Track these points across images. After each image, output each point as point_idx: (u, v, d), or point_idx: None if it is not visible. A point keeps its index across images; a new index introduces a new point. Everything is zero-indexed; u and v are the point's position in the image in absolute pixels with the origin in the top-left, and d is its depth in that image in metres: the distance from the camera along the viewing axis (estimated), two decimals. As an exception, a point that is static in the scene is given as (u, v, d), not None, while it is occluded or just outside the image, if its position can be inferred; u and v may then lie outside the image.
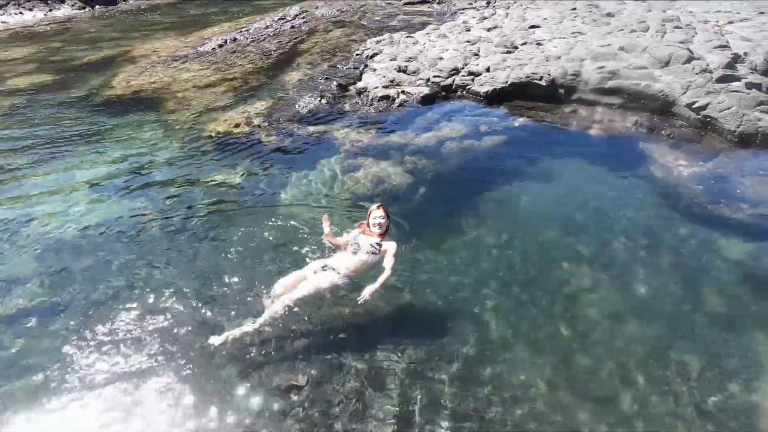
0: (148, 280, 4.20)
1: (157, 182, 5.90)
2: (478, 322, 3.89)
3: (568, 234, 5.00)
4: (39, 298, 4.01)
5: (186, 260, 4.48)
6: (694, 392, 3.36)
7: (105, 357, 3.48)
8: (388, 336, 3.74)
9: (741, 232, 5.05)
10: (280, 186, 5.81)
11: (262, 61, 10.84)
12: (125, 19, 18.34)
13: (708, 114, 6.94)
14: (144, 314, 3.83)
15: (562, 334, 3.81)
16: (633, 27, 9.90)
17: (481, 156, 6.69)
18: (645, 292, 4.24)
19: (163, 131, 7.37)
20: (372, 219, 3.92)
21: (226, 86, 9.27)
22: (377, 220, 3.89)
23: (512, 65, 8.48)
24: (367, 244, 3.84)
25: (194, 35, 14.00)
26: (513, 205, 5.56)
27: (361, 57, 10.40)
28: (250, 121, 7.52)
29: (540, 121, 7.69)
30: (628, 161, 6.52)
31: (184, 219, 5.10)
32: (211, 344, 3.42)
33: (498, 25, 11.95)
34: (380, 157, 6.53)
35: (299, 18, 15.59)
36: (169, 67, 10.66)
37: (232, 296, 4.02)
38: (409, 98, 8.05)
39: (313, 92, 8.61)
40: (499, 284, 4.27)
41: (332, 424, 3.10)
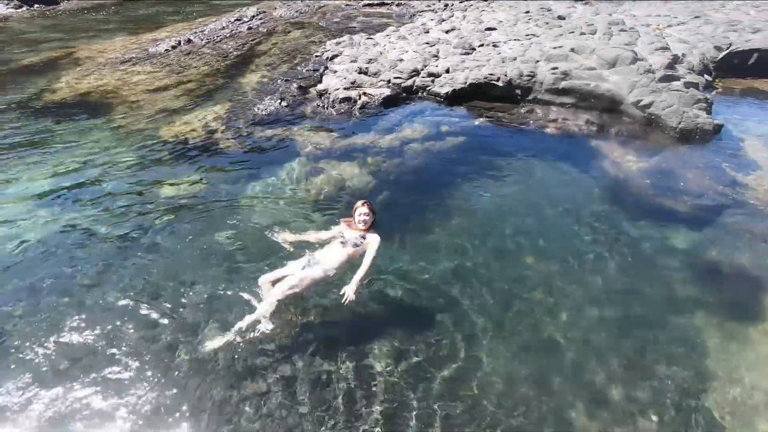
0: (102, 297, 3.97)
1: (108, 191, 5.60)
2: (443, 318, 3.94)
3: (527, 229, 5.16)
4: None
5: (142, 272, 4.27)
6: (647, 373, 3.55)
7: (57, 377, 3.27)
8: (355, 334, 3.73)
9: (685, 222, 5.39)
10: (241, 191, 5.65)
11: (218, 63, 10.53)
12: (67, 19, 17.32)
13: (652, 112, 7.37)
14: (99, 332, 3.62)
15: (524, 325, 3.92)
16: (582, 29, 10.36)
17: (443, 156, 6.79)
18: (600, 282, 4.44)
19: (114, 137, 7.01)
20: (357, 216, 3.94)
21: (181, 89, 8.94)
22: (362, 216, 3.92)
23: (470, 66, 8.67)
24: (352, 237, 3.89)
25: (145, 36, 13.43)
26: (474, 203, 5.68)
27: (321, 59, 10.31)
28: (208, 125, 7.29)
29: (498, 121, 7.90)
30: (582, 158, 6.81)
31: (139, 229, 4.86)
32: (207, 350, 3.42)
33: (456, 27, 12.19)
34: (343, 159, 6.49)
35: (257, 19, 15.28)
36: (118, 69, 10.17)
37: (193, 307, 3.87)
38: (371, 100, 8.06)
39: (272, 95, 8.46)
40: (461, 281, 4.34)
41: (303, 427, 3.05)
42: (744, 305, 4.27)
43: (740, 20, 12.48)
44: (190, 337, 3.61)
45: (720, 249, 4.95)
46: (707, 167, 6.49)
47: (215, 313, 3.82)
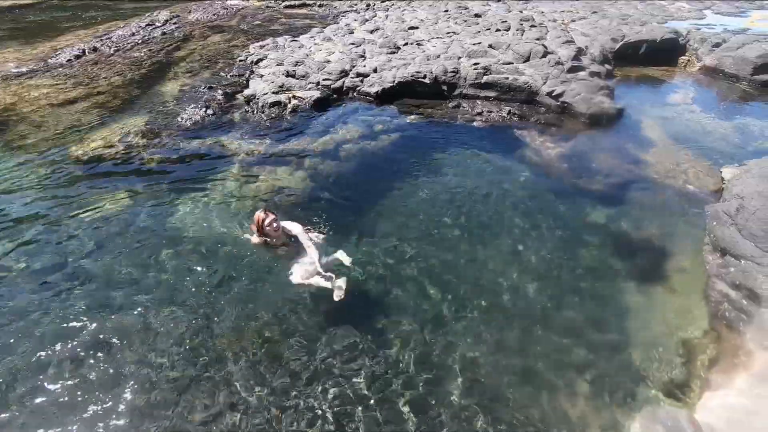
0: (23, 332, 3.59)
1: (16, 219, 5.04)
2: (391, 310, 4.04)
3: (461, 217, 5.42)
4: None
5: (68, 302, 3.91)
6: (578, 337, 3.90)
7: None
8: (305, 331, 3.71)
9: (600, 199, 5.95)
10: (171, 208, 5.35)
11: (132, 72, 9.81)
12: (-58, 28, 15.15)
13: (564, 100, 8.02)
14: (22, 373, 3.27)
15: (464, 305, 4.13)
16: (498, 26, 10.99)
17: (378, 155, 6.90)
18: (532, 258, 4.80)
19: (14, 159, 6.30)
20: (268, 228, 3.81)
21: (92, 102, 8.22)
22: (273, 225, 3.80)
23: (397, 65, 8.87)
24: (288, 238, 3.90)
25: (41, 45, 12.14)
26: (411, 197, 5.84)
27: (245, 63, 9.99)
28: (126, 140, 6.78)
29: (428, 117, 8.17)
30: (507, 147, 7.25)
31: (58, 259, 4.44)
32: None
33: (379, 26, 12.37)
34: (278, 164, 6.37)
35: (170, 23, 14.42)
36: (12, 83, 9.12)
37: (126, 335, 3.63)
38: (302, 103, 7.97)
39: (196, 103, 8.06)
40: (402, 273, 4.47)
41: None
42: (653, 269, 4.83)
43: (630, 14, 13.95)
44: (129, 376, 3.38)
45: (631, 221, 5.53)
46: (614, 148, 7.21)
47: (152, 341, 3.61)
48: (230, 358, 3.54)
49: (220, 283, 4.19)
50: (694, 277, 4.60)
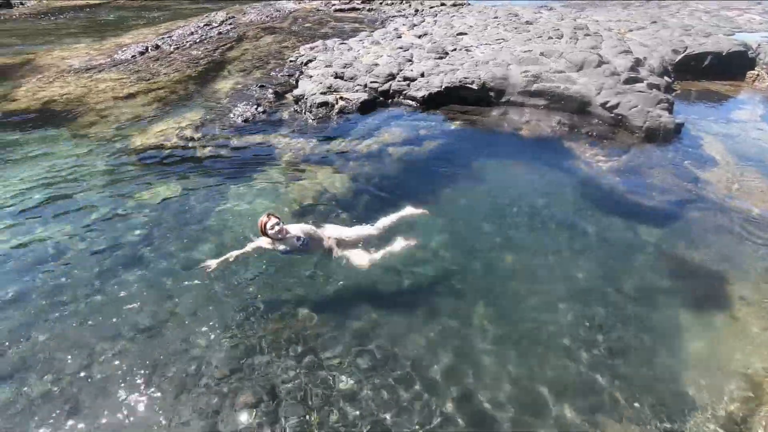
0: (78, 311, 3.82)
1: (79, 203, 5.39)
2: (428, 318, 3.99)
3: (505, 229, 5.29)
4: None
5: (123, 286, 4.13)
6: (624, 364, 3.70)
7: (31, 405, 3.12)
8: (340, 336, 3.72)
9: (654, 217, 5.65)
10: (219, 199, 5.55)
11: (189, 70, 10.30)
12: (23, 24, 16.55)
13: (619, 112, 7.70)
14: (76, 350, 3.48)
15: (504, 322, 4.01)
16: (549, 34, 10.72)
17: (421, 159, 6.88)
18: (579, 276, 4.60)
19: (82, 147, 6.75)
20: (271, 231, 3.81)
21: (152, 96, 8.69)
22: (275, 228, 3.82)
23: (445, 70, 8.82)
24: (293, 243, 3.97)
25: (109, 42, 12.99)
26: (453, 205, 5.77)
27: (295, 64, 10.25)
28: (182, 133, 7.12)
29: (474, 124, 8.07)
30: (555, 158, 7.04)
31: (113, 242, 4.71)
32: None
33: (428, 32, 12.37)
34: (322, 164, 6.48)
35: (226, 24, 15.04)
36: (83, 76, 9.79)
37: (176, 320, 3.78)
38: (348, 104, 8.08)
39: (248, 101, 8.35)
40: (441, 281, 4.41)
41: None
42: (711, 295, 4.52)
43: (692, 25, 13.23)
44: (176, 353, 3.52)
45: (687, 242, 5.21)
46: (671, 164, 6.83)
47: (199, 325, 3.74)
48: (276, 345, 3.61)
49: (264, 272, 4.28)
50: (760, 307, 4.27)
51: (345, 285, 4.28)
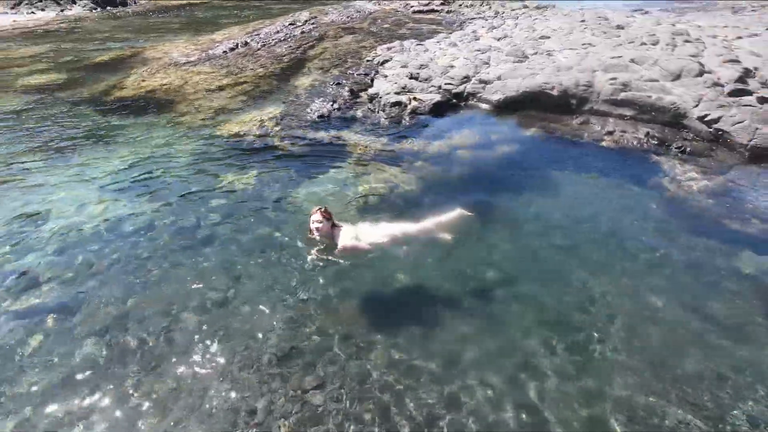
0: (162, 280, 4.20)
1: (168, 183, 5.92)
2: (494, 332, 3.87)
3: (579, 244, 4.97)
4: (53, 294, 4.01)
5: (200, 259, 4.47)
6: (708, 402, 3.33)
7: (121, 357, 3.48)
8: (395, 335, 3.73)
9: (752, 246, 5.03)
10: (291, 189, 5.81)
11: (273, 66, 10.91)
12: (135, 20, 18.51)
13: (720, 127, 6.95)
14: (158, 315, 3.83)
15: (575, 346, 3.78)
16: (643, 40, 9.95)
17: (492, 165, 6.70)
18: (659, 303, 4.22)
19: (175, 133, 7.41)
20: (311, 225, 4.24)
21: (238, 90, 9.32)
22: (315, 224, 4.20)
23: (523, 74, 8.52)
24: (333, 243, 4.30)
25: (205, 38, 14.12)
26: (523, 214, 5.54)
27: (372, 63, 10.46)
28: (263, 125, 7.56)
29: (551, 132, 7.71)
30: (640, 173, 6.51)
31: (195, 220, 5.10)
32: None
33: (507, 35, 12.03)
34: (392, 163, 6.54)
35: (309, 24, 15.71)
36: (181, 69, 10.74)
37: (246, 294, 4.02)
38: (421, 105, 8.09)
39: (324, 97, 8.66)
40: (508, 293, 4.25)
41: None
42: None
43: (821, 33, 11.58)
44: (242, 323, 3.74)
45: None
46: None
47: (265, 300, 3.95)
48: (341, 332, 3.71)
49: (328, 262, 4.41)
50: None
51: (408, 283, 4.28)
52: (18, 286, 4.11)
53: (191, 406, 3.17)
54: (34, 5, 19.21)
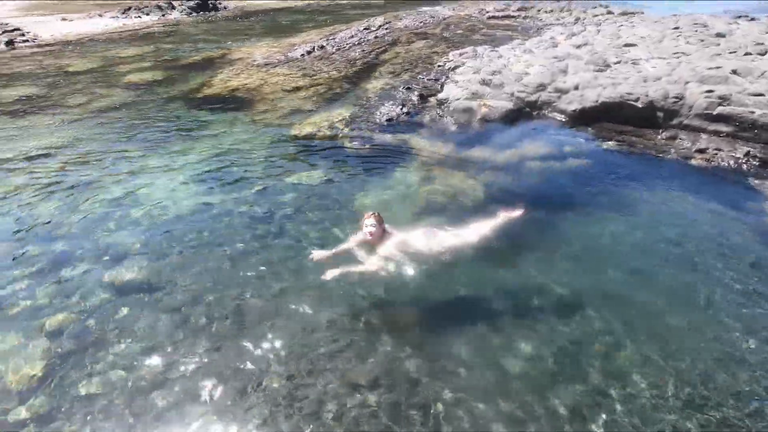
0: (234, 265, 4.50)
1: (245, 175, 6.32)
2: (555, 354, 3.68)
3: (656, 270, 4.58)
4: (141, 270, 4.44)
5: (269, 249, 4.73)
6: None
7: (192, 333, 3.77)
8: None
9: None
10: (358, 189, 5.95)
11: (346, 69, 11.25)
12: (224, 24, 19.98)
13: (839, 151, 6.08)
14: (228, 297, 4.10)
15: (647, 376, 3.49)
16: (748, 49, 8.98)
17: (563, 178, 6.40)
18: (746, 341, 3.77)
19: (254, 129, 7.89)
20: (364, 228, 4.22)
21: (312, 91, 9.73)
22: (368, 228, 4.18)
23: (604, 84, 8.04)
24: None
25: (285, 42, 14.90)
26: (594, 231, 5.21)
27: (443, 69, 10.43)
28: (333, 126, 7.82)
29: (632, 146, 7.20)
30: (736, 197, 5.88)
31: (267, 211, 5.40)
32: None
33: (588, 42, 11.41)
34: (457, 169, 6.48)
35: (383, 29, 16.01)
36: (261, 70, 11.42)
37: (306, 286, 4.18)
38: (491, 112, 7.92)
39: (393, 101, 8.77)
40: (571, 315, 4.02)
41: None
42: None
43: None
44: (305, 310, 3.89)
45: None
46: None
47: (324, 295, 4.07)
48: (388, 333, 3.75)
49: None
50: None
51: (462, 293, 4.22)
52: (112, 261, 4.60)
53: (246, 387, 3.36)
54: (140, 10, 21.43)
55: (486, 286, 4.34)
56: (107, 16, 20.41)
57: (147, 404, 3.26)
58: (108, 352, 3.63)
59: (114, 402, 3.27)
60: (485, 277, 4.45)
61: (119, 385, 3.38)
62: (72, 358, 3.59)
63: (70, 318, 3.93)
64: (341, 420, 3.15)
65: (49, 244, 4.88)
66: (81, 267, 4.53)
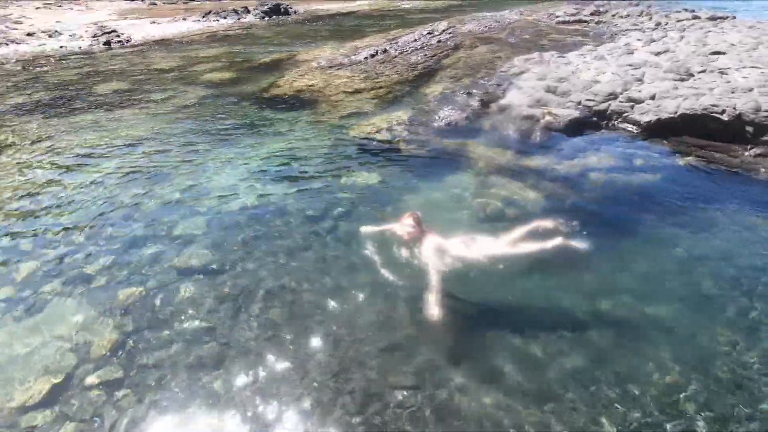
0: (290, 259, 4.69)
1: (304, 173, 6.56)
2: (610, 375, 3.47)
3: (731, 302, 4.15)
4: (206, 257, 4.75)
5: (323, 246, 4.89)
6: None
7: (246, 321, 3.98)
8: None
9: None
10: (411, 192, 5.96)
11: (407, 73, 11.32)
12: (293, 28, 20.87)
13: None
14: (282, 290, 4.28)
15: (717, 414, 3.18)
16: None
17: (631, 192, 6.00)
18: None
19: (315, 129, 8.17)
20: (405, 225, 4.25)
21: (373, 94, 9.89)
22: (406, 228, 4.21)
23: (685, 94, 7.45)
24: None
25: (349, 45, 15.26)
26: (663, 253, 4.82)
27: (506, 74, 10.17)
28: (391, 129, 7.90)
29: (713, 163, 6.60)
30: (838, 225, 5.20)
31: (323, 209, 5.55)
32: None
33: (669, 48, 10.62)
34: (515, 178, 6.28)
35: (446, 33, 15.90)
36: (325, 72, 11.78)
37: (357, 285, 4.25)
38: (555, 120, 7.61)
39: (453, 106, 8.70)
40: (633, 339, 3.76)
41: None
42: None
43: None
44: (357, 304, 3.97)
45: None
46: None
47: (373, 294, 4.12)
48: (437, 337, 3.74)
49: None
50: None
51: (512, 304, 4.10)
52: (180, 245, 4.97)
53: (294, 376, 3.48)
54: (219, 14, 22.97)
55: (535, 300, 4.19)
56: (190, 20, 22.07)
57: (202, 381, 3.48)
58: (172, 329, 3.93)
59: (174, 376, 3.53)
60: (534, 290, 4.28)
61: (179, 361, 3.65)
62: (140, 331, 3.92)
63: (141, 294, 4.30)
64: (383, 417, 3.18)
65: (128, 226, 5.37)
66: (153, 248, 4.93)
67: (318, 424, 3.15)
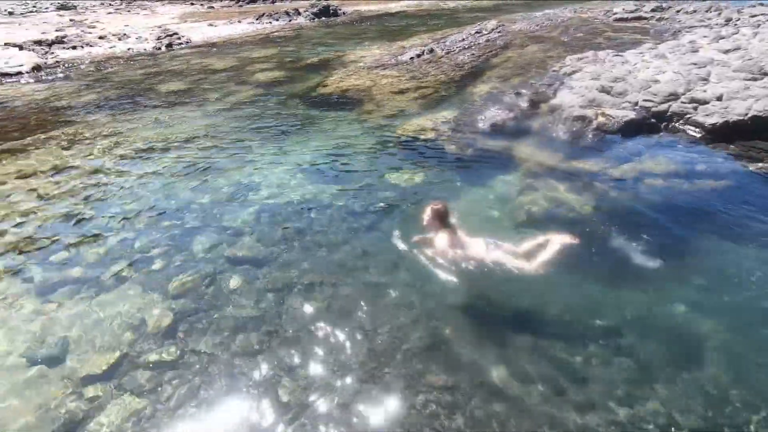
0: (331, 254, 4.80)
1: (348, 170, 6.68)
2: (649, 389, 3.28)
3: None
4: (253, 249, 4.96)
5: (363, 243, 4.96)
6: None
7: (288, 313, 4.11)
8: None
9: None
10: (454, 193, 5.91)
11: (454, 73, 11.22)
12: (341, 29, 21.24)
13: None
14: (323, 284, 4.39)
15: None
16: None
17: (691, 200, 5.63)
18: None
19: (361, 128, 8.28)
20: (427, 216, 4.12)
21: (419, 93, 9.89)
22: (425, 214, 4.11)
23: (758, 95, 6.88)
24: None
25: (395, 45, 15.35)
26: (727, 266, 4.49)
27: (557, 74, 9.84)
28: (437, 128, 7.87)
29: (788, 170, 6.06)
30: None
31: (364, 207, 5.63)
32: None
33: (741, 46, 9.85)
34: (563, 181, 6.08)
35: (495, 32, 15.61)
36: (372, 72, 11.92)
37: (395, 283, 4.28)
38: (609, 122, 7.27)
39: (500, 106, 8.53)
40: (693, 356, 3.53)
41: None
42: None
43: None
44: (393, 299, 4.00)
45: None
46: None
47: (410, 293, 4.14)
48: (474, 338, 3.71)
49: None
50: None
51: (548, 311, 3.97)
52: (230, 236, 5.21)
53: (332, 368, 3.56)
54: (271, 17, 23.81)
55: (582, 308, 4.04)
56: (245, 22, 23.02)
57: (248, 367, 3.64)
58: (221, 315, 4.14)
59: (221, 361, 3.72)
60: (582, 297, 4.13)
61: (228, 346, 3.83)
62: (193, 314, 4.16)
63: (194, 281, 4.55)
64: (419, 415, 3.19)
65: (183, 217, 5.70)
66: (205, 239, 5.21)
67: (352, 416, 3.22)
